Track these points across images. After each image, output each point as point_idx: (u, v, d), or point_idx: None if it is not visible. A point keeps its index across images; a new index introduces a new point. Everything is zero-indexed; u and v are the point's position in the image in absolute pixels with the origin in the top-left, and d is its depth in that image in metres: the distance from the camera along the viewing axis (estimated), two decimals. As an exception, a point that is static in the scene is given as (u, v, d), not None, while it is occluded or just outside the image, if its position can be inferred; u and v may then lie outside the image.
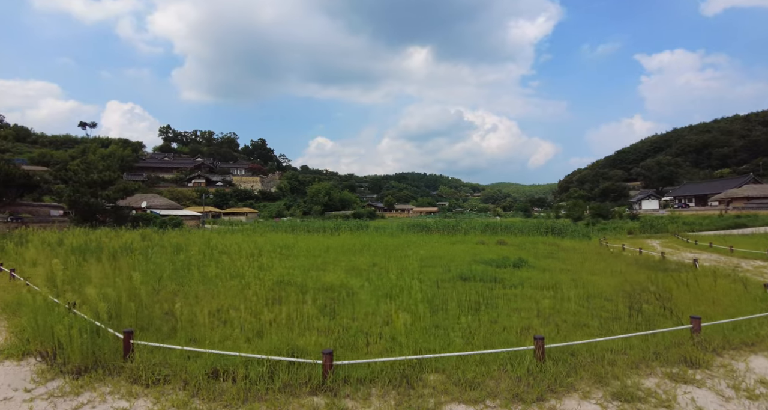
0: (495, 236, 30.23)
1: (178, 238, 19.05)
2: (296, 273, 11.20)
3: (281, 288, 9.43)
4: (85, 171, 33.92)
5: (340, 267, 12.93)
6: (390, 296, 9.16)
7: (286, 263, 12.92)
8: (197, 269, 11.02)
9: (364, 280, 11.00)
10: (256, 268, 11.43)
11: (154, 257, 12.82)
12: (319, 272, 11.69)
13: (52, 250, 14.35)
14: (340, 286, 9.75)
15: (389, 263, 14.67)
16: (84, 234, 20.10)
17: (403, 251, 18.77)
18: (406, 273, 12.24)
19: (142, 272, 10.47)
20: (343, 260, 14.56)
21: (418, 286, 10.09)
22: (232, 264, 12.06)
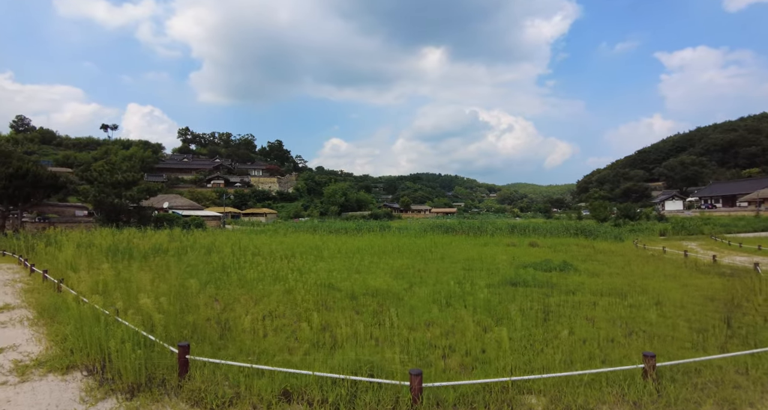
0: (524, 237, 29.26)
1: (207, 239, 18.71)
2: (337, 277, 10.61)
3: (326, 293, 8.84)
4: (110, 172, 34.09)
5: (378, 270, 12.31)
6: (443, 303, 8.49)
7: (322, 266, 12.35)
8: (234, 272, 10.52)
9: (409, 284, 10.36)
10: (294, 271, 10.88)
11: (187, 258, 12.39)
12: (359, 276, 11.08)
13: (85, 251, 14.08)
14: (386, 291, 9.11)
15: (427, 266, 14.01)
16: (111, 235, 19.94)
17: (435, 252, 18.08)
18: (449, 277, 11.57)
19: (178, 274, 10.07)
20: (379, 263, 13.94)
21: (469, 290, 9.42)
22: (268, 266, 11.55)
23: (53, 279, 10.09)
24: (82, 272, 9.27)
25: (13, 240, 21.46)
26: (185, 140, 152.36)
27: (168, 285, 6.71)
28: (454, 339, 6.16)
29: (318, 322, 6.60)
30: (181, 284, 7.49)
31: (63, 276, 10.14)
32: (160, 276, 9.20)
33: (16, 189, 30.06)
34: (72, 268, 10.38)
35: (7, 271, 14.18)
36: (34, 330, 6.54)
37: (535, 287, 10.93)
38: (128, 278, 8.98)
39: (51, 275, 11.21)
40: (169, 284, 7.09)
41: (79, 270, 9.85)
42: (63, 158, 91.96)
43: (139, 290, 7.21)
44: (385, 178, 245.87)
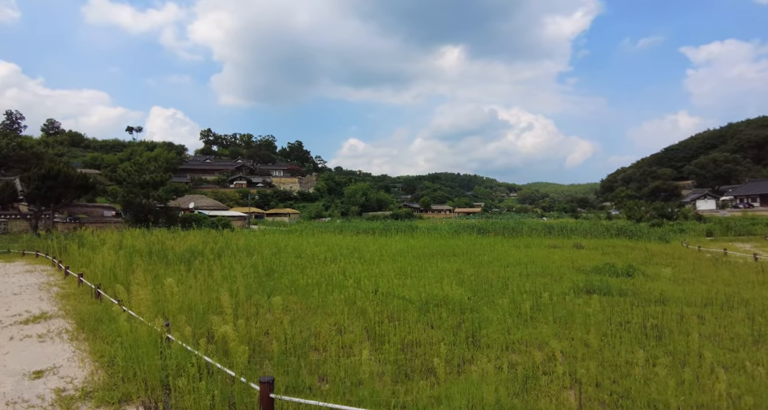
0: (563, 238, 27.74)
1: (241, 240, 18.01)
2: (395, 283, 9.63)
3: (389, 301, 7.86)
4: (138, 172, 34.04)
5: (431, 275, 11.27)
6: (526, 316, 7.39)
7: (370, 270, 11.39)
8: (283, 277, 9.65)
9: (473, 292, 9.29)
10: (345, 275, 9.94)
11: (226, 261, 11.61)
12: (416, 282, 10.05)
13: (118, 252, 13.49)
14: (456, 301, 8.06)
15: (480, 270, 12.89)
16: (143, 236, 19.47)
17: (481, 255, 16.92)
18: (513, 284, 10.46)
19: (223, 280, 9.25)
20: (428, 267, 12.90)
21: (547, 300, 8.28)
22: (315, 270, 10.65)
23: (90, 284, 9.40)
24: (120, 277, 8.54)
25: (47, 241, 21.28)
26: (207, 141, 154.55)
27: (227, 296, 5.82)
28: (575, 364, 5.06)
29: (397, 340, 5.61)
30: (247, 297, 6.67)
31: (100, 282, 9.44)
32: (208, 284, 8.37)
33: (48, 190, 30.22)
34: (111, 273, 9.67)
35: (42, 273, 13.71)
36: (75, 346, 5.75)
37: (614, 295, 9.72)
38: (174, 285, 8.20)
39: (87, 279, 10.57)
40: (234, 298, 6.23)
41: (117, 274, 9.14)
42: (90, 159, 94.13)
43: (192, 302, 6.36)
44: (403, 178, 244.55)
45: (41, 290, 10.38)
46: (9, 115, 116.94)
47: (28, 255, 19.99)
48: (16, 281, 11.85)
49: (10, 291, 10.18)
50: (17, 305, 8.50)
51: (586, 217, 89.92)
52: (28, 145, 52.48)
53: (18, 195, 32.05)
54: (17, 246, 23.01)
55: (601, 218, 77.42)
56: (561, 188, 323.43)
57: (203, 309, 6.51)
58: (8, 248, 22.39)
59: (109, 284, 9.42)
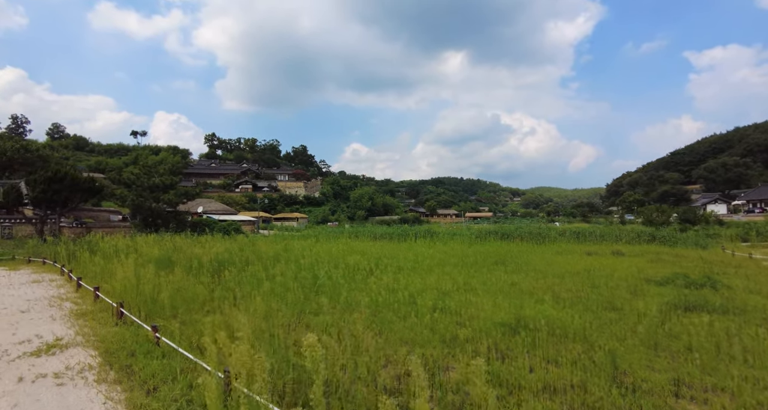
0: (594, 245, 26.27)
1: (264, 246, 16.62)
2: (463, 300, 8.25)
3: (475, 324, 6.47)
4: (147, 175, 32.84)
5: (495, 289, 9.88)
6: (648, 343, 5.99)
7: (424, 282, 10.00)
8: (334, 294, 8.29)
9: (569, 314, 7.89)
10: (399, 291, 8.56)
11: (252, 270, 10.24)
12: (488, 298, 8.67)
13: (135, 261, 12.15)
14: (557, 324, 6.65)
15: (538, 282, 11.50)
16: (157, 242, 18.16)
17: (527, 264, 15.49)
18: (594, 300, 9.08)
19: (258, 292, 7.89)
20: (473, 277, 11.49)
21: (659, 322, 6.88)
22: (366, 283, 9.28)
23: (110, 301, 8.05)
24: (146, 292, 7.20)
25: (54, 247, 19.99)
26: (212, 145, 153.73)
27: (313, 337, 4.48)
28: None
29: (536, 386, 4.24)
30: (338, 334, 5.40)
31: (122, 299, 8.10)
32: (269, 306, 6.98)
33: (54, 193, 29.01)
34: (135, 288, 8.30)
35: (51, 284, 12.38)
36: (105, 393, 4.38)
37: (715, 313, 8.32)
38: (200, 299, 6.86)
39: (104, 293, 9.23)
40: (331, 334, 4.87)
41: (143, 290, 7.80)
42: (95, 163, 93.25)
43: (256, 327, 4.98)
44: (407, 182, 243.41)
45: (52, 306, 9.03)
46: (14, 119, 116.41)
47: (34, 262, 18.70)
48: (23, 295, 10.52)
49: (17, 307, 8.84)
50: (26, 328, 7.15)
51: (597, 222, 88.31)
52: (33, 148, 51.39)
53: (23, 199, 30.83)
54: (22, 252, 21.73)
55: (613, 222, 75.84)
56: (565, 192, 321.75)
57: (279, 344, 5.13)
58: (13, 255, 21.10)
59: (132, 300, 8.07)
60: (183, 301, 7.75)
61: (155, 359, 4.94)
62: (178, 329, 6.19)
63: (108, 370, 4.92)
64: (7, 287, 11.94)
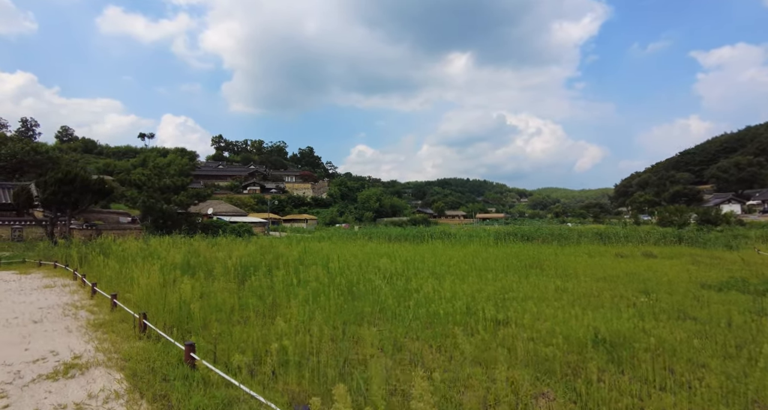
0: (619, 246, 25.25)
1: (286, 249, 15.84)
2: (505, 309, 7.40)
3: (533, 341, 5.62)
4: (158, 176, 32.29)
5: (550, 297, 9.02)
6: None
7: (460, 289, 9.15)
8: (374, 299, 7.48)
9: (623, 324, 7.02)
10: (445, 300, 7.73)
11: (282, 276, 9.44)
12: (529, 306, 7.81)
13: (150, 265, 11.42)
14: (607, 337, 5.79)
15: (579, 287, 10.60)
16: (172, 245, 17.47)
17: (563, 267, 14.59)
18: (651, 308, 8.20)
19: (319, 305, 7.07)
20: (514, 282, 10.62)
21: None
22: (397, 289, 8.45)
23: (131, 312, 7.30)
24: (171, 302, 6.43)
25: (65, 250, 19.38)
26: (219, 147, 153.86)
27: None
28: None
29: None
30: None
31: (144, 310, 7.35)
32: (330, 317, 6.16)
33: (64, 195, 28.50)
34: (157, 295, 7.52)
35: (63, 290, 11.69)
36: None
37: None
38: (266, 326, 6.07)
39: (122, 301, 8.49)
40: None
41: (167, 299, 7.03)
42: (103, 166, 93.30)
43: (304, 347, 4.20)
44: (413, 183, 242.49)
45: (66, 315, 8.30)
46: (24, 122, 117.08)
47: (45, 266, 18.09)
48: (35, 302, 9.82)
49: (29, 317, 8.12)
50: (39, 341, 6.40)
51: (610, 223, 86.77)
52: (43, 150, 51.19)
53: (33, 200, 30.38)
54: (33, 255, 21.16)
55: (627, 223, 74.35)
56: (572, 193, 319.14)
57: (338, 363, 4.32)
58: (24, 258, 20.53)
59: (155, 309, 7.31)
60: (213, 310, 6.97)
61: (195, 387, 4.15)
62: (213, 345, 5.41)
63: (139, 400, 4.13)
64: (18, 292, 11.25)
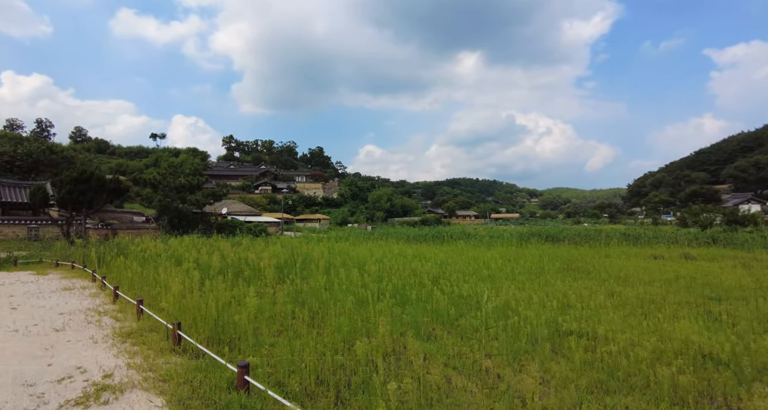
0: (651, 247, 24.12)
1: (309, 250, 15.09)
2: (571, 320, 6.54)
3: (622, 356, 4.76)
4: (173, 175, 31.84)
5: (595, 303, 8.13)
6: None
7: (509, 296, 8.29)
8: (425, 307, 6.66)
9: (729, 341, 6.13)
10: (511, 311, 6.89)
11: (320, 281, 8.68)
12: (599, 315, 6.93)
13: (174, 267, 10.75)
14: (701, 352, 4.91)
15: (640, 293, 9.68)
16: (193, 245, 16.85)
17: (605, 270, 13.63)
18: (731, 319, 7.28)
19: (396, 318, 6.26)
20: (557, 287, 9.72)
21: None
22: (443, 295, 7.62)
23: (162, 321, 6.58)
24: (201, 308, 5.69)
25: (83, 249, 18.89)
26: (229, 147, 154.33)
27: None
28: None
29: None
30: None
31: (174, 314, 6.63)
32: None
33: (80, 194, 28.16)
34: (195, 304, 6.76)
35: (83, 293, 11.06)
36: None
37: None
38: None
39: (149, 307, 7.81)
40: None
41: (207, 299, 6.29)
42: (116, 166, 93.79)
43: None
44: (422, 183, 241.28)
45: (89, 322, 7.62)
46: (39, 123, 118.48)
47: (62, 266, 17.59)
48: (55, 306, 9.19)
49: (50, 324, 7.46)
50: (63, 355, 5.71)
51: (626, 223, 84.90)
52: (58, 150, 51.28)
53: (49, 200, 30.11)
54: (50, 255, 20.73)
55: (646, 224, 72.59)
56: (583, 193, 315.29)
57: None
58: (40, 258, 20.10)
59: (187, 317, 6.58)
60: (254, 319, 6.22)
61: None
62: (265, 362, 4.65)
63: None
64: (37, 295, 10.65)
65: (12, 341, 6.42)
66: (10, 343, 6.30)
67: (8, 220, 29.69)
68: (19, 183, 34.99)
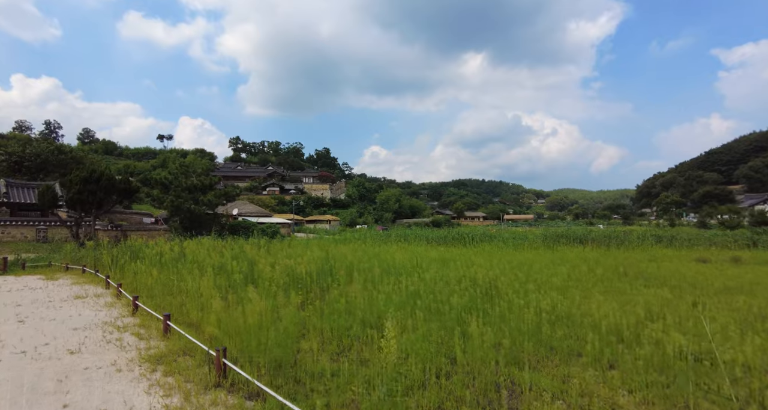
0: (691, 250, 22.73)
1: (342, 253, 13.94)
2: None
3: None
4: (185, 175, 30.88)
5: (732, 321, 6.90)
6: None
7: (608, 308, 7.07)
8: (507, 323, 5.48)
9: None
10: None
11: (385, 292, 7.51)
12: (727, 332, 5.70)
13: (199, 273, 9.63)
14: None
15: (723, 304, 8.43)
16: (213, 248, 15.77)
17: (676, 279, 12.36)
18: None
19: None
20: (650, 301, 8.49)
21: None
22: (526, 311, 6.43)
23: (202, 345, 5.44)
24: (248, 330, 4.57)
25: (93, 252, 17.89)
26: (236, 148, 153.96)
27: None
28: None
29: None
30: None
31: (211, 335, 5.50)
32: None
33: (89, 194, 27.23)
34: (253, 326, 5.56)
35: (97, 301, 9.98)
36: None
37: None
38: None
39: (179, 324, 6.69)
40: None
41: (264, 321, 5.15)
42: (123, 167, 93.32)
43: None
44: (428, 184, 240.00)
45: (109, 341, 6.50)
46: (47, 125, 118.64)
47: (72, 270, 16.58)
48: (67, 319, 8.10)
49: (63, 344, 6.35)
50: (82, 390, 4.58)
51: (641, 224, 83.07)
52: (67, 150, 50.60)
53: (58, 200, 29.25)
54: (59, 257, 19.76)
55: (662, 225, 70.83)
56: (590, 194, 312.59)
57: None
58: (49, 261, 19.12)
59: (232, 341, 5.44)
60: (311, 340, 5.07)
61: None
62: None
63: None
64: (46, 305, 9.58)
65: (18, 367, 5.32)
66: (15, 371, 5.19)
67: (16, 221, 28.84)
68: (28, 184, 34.19)
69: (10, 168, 43.67)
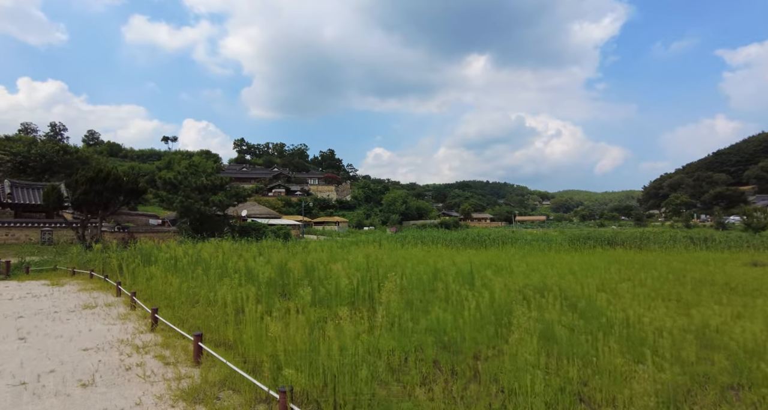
0: (735, 252, 21.40)
1: (377, 256, 12.73)
2: None
3: None
4: (194, 175, 29.81)
5: None
6: None
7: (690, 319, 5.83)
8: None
9: None
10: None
11: (451, 311, 6.29)
12: None
13: (237, 284, 8.44)
14: None
15: None
16: (233, 251, 14.62)
17: (736, 284, 11.10)
18: None
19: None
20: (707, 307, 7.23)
21: None
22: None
23: (257, 382, 4.25)
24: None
25: (99, 255, 16.78)
26: (241, 150, 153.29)
27: None
28: None
29: None
30: None
31: (256, 358, 4.31)
32: None
33: (96, 194, 26.16)
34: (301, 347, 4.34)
35: (109, 312, 8.81)
36: None
37: None
38: None
39: (210, 344, 5.50)
40: None
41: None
42: (128, 168, 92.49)
43: None
44: (432, 186, 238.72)
45: (128, 367, 5.32)
46: (53, 127, 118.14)
47: (79, 274, 15.45)
48: (76, 335, 6.93)
49: (72, 372, 5.16)
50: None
51: (653, 225, 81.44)
52: (72, 150, 49.74)
53: (64, 201, 28.20)
54: (65, 261, 18.63)
55: (676, 226, 69.26)
56: (595, 195, 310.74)
57: None
58: (55, 264, 18.00)
59: (296, 372, 4.25)
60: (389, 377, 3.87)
61: None
62: None
63: None
64: (52, 317, 8.42)
65: (15, 408, 4.13)
66: (12, 413, 4.02)
67: (21, 223, 27.82)
68: (33, 184, 33.21)
69: (15, 169, 42.78)
